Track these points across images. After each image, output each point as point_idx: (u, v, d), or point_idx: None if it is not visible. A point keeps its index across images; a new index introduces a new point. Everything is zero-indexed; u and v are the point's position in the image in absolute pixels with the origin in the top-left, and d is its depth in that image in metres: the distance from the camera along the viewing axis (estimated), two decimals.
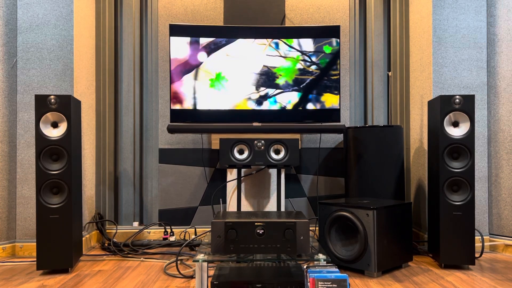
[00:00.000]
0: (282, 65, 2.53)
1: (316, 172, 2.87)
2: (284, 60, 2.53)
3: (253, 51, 2.52)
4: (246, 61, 2.50)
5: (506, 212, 2.40)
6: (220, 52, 2.51)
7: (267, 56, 2.51)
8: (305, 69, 2.53)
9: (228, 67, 2.52)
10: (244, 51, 2.51)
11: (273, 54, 2.50)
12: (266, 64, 2.52)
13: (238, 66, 2.52)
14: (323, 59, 2.54)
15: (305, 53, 2.53)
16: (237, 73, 2.52)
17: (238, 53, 2.52)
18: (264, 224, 1.52)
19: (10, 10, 2.39)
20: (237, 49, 2.51)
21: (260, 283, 1.52)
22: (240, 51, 2.51)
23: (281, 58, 2.53)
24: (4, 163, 2.35)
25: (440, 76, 2.45)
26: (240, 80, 2.51)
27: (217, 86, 2.48)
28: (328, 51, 2.48)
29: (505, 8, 2.43)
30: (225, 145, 2.25)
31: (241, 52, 2.51)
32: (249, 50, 2.52)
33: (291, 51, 2.52)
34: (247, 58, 2.51)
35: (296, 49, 2.50)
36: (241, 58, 2.51)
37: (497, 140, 2.45)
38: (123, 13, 2.85)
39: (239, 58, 2.52)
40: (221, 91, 2.49)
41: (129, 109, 2.84)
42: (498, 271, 2.02)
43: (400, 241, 2.04)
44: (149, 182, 2.84)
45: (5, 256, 2.34)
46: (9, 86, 2.38)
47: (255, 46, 2.52)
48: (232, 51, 2.51)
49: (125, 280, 1.90)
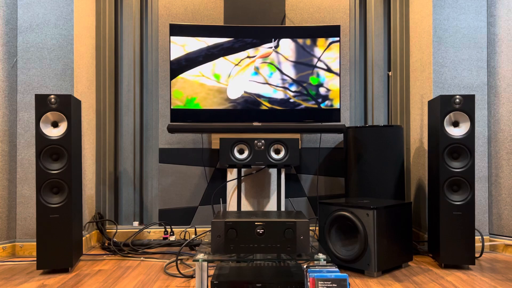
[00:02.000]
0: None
1: (316, 172, 2.87)
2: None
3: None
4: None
5: (506, 212, 2.40)
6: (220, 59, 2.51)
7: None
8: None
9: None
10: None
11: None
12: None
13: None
14: None
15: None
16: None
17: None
18: (264, 224, 1.52)
19: (10, 10, 2.39)
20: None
21: (260, 283, 1.52)
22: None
23: None
24: (4, 162, 2.35)
25: (440, 76, 2.45)
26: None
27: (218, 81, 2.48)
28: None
29: (505, 8, 2.43)
30: (225, 145, 2.25)
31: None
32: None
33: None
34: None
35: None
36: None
37: (497, 140, 2.45)
38: (123, 12, 2.85)
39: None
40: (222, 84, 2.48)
41: (129, 108, 2.84)
42: (498, 271, 2.02)
43: (400, 241, 2.04)
44: (149, 181, 2.84)
45: (5, 256, 2.34)
46: (9, 85, 2.38)
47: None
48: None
49: (125, 279, 1.90)
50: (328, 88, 2.57)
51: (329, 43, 2.57)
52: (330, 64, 2.56)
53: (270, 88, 2.55)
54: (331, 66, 2.57)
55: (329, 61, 2.57)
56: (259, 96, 2.55)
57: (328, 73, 2.57)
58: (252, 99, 2.54)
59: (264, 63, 2.54)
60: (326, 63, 2.56)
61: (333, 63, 2.57)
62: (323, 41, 2.57)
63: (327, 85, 2.57)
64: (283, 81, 2.55)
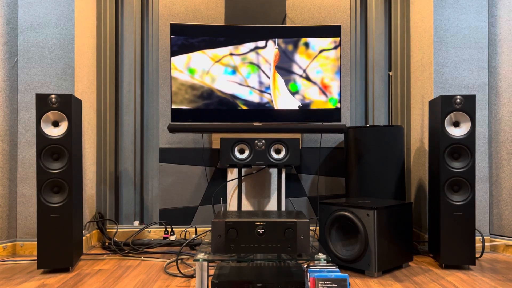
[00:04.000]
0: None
1: (316, 172, 2.87)
2: None
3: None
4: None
5: (506, 212, 2.40)
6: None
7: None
8: None
9: None
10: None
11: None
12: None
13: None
14: None
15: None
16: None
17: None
18: (265, 224, 1.52)
19: (11, 9, 2.39)
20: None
21: (260, 283, 1.52)
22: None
23: None
24: (5, 162, 2.35)
25: (441, 76, 2.45)
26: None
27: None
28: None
29: (506, 8, 2.43)
30: (225, 145, 2.25)
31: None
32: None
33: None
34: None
35: None
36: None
37: (498, 140, 2.44)
38: (124, 12, 2.85)
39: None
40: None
41: (130, 108, 2.84)
42: (498, 271, 2.02)
43: (401, 241, 2.04)
44: (149, 181, 2.84)
45: (5, 255, 2.34)
46: (10, 85, 2.38)
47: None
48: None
49: (125, 279, 1.90)
50: (328, 88, 2.56)
51: (329, 43, 2.56)
52: (330, 63, 2.56)
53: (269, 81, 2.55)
54: (332, 65, 2.56)
55: (329, 61, 2.56)
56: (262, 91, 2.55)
57: (328, 73, 2.56)
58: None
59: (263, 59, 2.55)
60: (327, 62, 2.56)
61: (333, 63, 2.56)
62: (324, 41, 2.56)
63: (327, 84, 2.56)
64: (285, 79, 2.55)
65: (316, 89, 2.56)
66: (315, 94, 2.56)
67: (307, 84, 2.56)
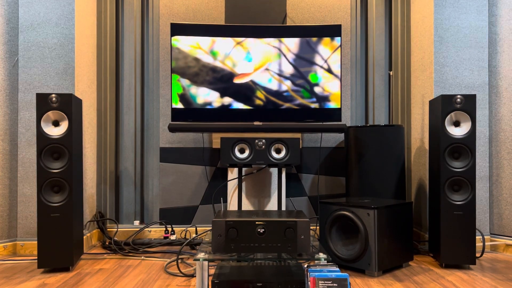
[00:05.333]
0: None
1: (317, 172, 2.87)
2: None
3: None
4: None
5: (507, 212, 2.40)
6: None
7: None
8: None
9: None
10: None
11: None
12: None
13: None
14: None
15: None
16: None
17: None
18: (265, 223, 1.52)
19: (11, 9, 2.39)
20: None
21: (260, 282, 1.52)
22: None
23: None
24: (5, 161, 2.35)
25: (442, 75, 2.45)
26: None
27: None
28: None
29: (507, 7, 2.43)
30: (226, 144, 2.25)
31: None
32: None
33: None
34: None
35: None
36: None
37: (498, 140, 2.44)
38: (124, 12, 2.85)
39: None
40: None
41: (130, 108, 2.84)
42: (499, 271, 2.02)
43: (401, 241, 2.04)
44: (150, 181, 2.84)
45: (6, 255, 2.34)
46: (10, 84, 2.38)
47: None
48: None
49: (125, 278, 1.90)
50: (328, 88, 2.56)
51: (330, 43, 2.56)
52: (331, 63, 2.56)
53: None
54: (332, 65, 2.56)
55: (329, 61, 2.56)
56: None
57: (329, 73, 2.56)
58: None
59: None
60: (327, 62, 2.56)
61: (334, 63, 2.56)
62: (325, 40, 2.56)
63: (328, 84, 2.56)
64: (285, 78, 2.55)
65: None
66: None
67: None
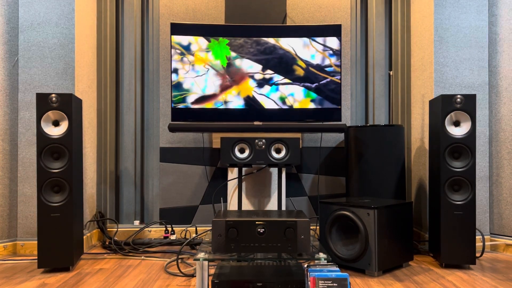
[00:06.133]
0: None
1: (317, 171, 2.87)
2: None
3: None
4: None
5: (507, 211, 2.40)
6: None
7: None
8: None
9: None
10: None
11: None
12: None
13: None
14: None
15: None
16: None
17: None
18: (265, 223, 1.53)
19: (11, 9, 2.39)
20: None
21: (260, 282, 1.52)
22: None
23: None
24: (5, 161, 2.35)
25: (442, 75, 2.45)
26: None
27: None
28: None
29: (507, 7, 2.43)
30: (226, 144, 2.25)
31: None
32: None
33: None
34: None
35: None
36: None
37: (499, 140, 2.44)
38: (124, 11, 2.85)
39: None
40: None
41: (130, 107, 2.84)
42: (499, 270, 2.02)
43: (401, 241, 2.04)
44: (150, 180, 2.84)
45: (6, 254, 2.34)
46: (10, 84, 2.38)
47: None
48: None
49: (126, 278, 1.90)
50: (328, 87, 2.56)
51: (330, 42, 2.56)
52: (330, 63, 2.56)
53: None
54: (332, 65, 2.56)
55: (329, 60, 2.56)
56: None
57: (329, 73, 2.56)
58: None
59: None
60: (326, 62, 2.56)
61: (334, 63, 2.56)
62: (324, 40, 2.56)
63: (327, 83, 2.56)
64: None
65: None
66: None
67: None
